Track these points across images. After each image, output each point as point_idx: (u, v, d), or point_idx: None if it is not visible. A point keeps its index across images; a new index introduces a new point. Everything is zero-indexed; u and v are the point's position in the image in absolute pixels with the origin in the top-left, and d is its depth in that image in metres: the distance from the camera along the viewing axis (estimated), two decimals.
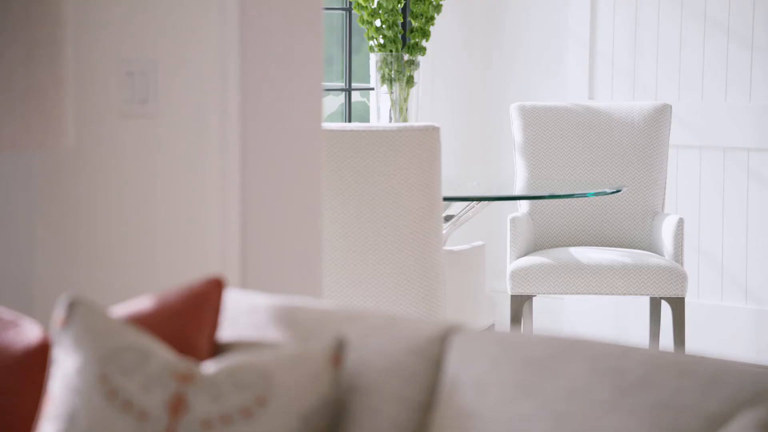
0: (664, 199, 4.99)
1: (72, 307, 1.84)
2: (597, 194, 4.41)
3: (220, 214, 2.72)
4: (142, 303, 1.94)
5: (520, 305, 4.66)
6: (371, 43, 5.02)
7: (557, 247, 4.98)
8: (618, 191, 4.49)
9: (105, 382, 1.76)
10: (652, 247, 4.92)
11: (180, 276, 2.75)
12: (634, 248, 4.94)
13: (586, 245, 4.98)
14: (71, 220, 2.86)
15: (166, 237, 2.77)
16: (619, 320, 5.58)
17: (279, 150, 2.76)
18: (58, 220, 2.88)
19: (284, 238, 2.77)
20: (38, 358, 1.89)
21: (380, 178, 3.98)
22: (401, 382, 1.77)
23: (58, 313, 1.84)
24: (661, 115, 5.00)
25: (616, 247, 4.95)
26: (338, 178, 4.00)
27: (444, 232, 4.37)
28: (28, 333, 1.92)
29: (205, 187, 2.73)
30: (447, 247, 4.22)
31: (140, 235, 2.79)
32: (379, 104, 5.06)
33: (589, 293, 4.64)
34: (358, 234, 4.01)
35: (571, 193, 4.38)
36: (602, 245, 4.97)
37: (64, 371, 1.80)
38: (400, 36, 4.99)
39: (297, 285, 2.80)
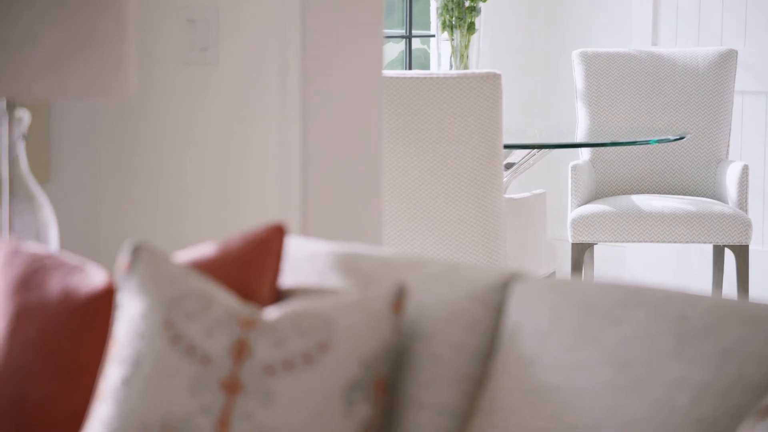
0: (728, 145, 4.93)
1: (136, 252, 1.85)
2: (660, 141, 4.36)
3: (281, 162, 2.72)
4: (205, 249, 1.95)
5: (581, 253, 4.64)
6: None
7: (619, 194, 4.95)
8: (681, 138, 4.44)
9: (169, 327, 1.78)
10: (716, 195, 4.87)
11: (240, 223, 2.77)
12: (697, 196, 4.89)
13: (648, 193, 4.94)
14: (133, 167, 2.89)
15: (227, 184, 2.78)
16: (682, 268, 5.54)
17: (339, 97, 2.76)
18: (121, 166, 2.91)
19: (345, 186, 2.78)
20: (103, 302, 1.92)
21: (441, 126, 3.96)
22: (462, 329, 1.77)
23: (123, 259, 1.86)
24: (726, 60, 4.93)
25: (678, 194, 4.91)
26: (398, 125, 3.99)
27: (504, 179, 4.35)
28: (94, 278, 1.94)
29: (266, 135, 2.73)
30: (507, 195, 4.20)
31: (201, 182, 2.81)
32: (439, 51, 5.03)
33: (651, 241, 4.61)
34: (419, 182, 4.01)
35: (634, 140, 4.34)
36: (665, 193, 4.93)
37: (129, 316, 1.82)
38: None
39: (357, 233, 2.80)
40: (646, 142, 4.33)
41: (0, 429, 1.91)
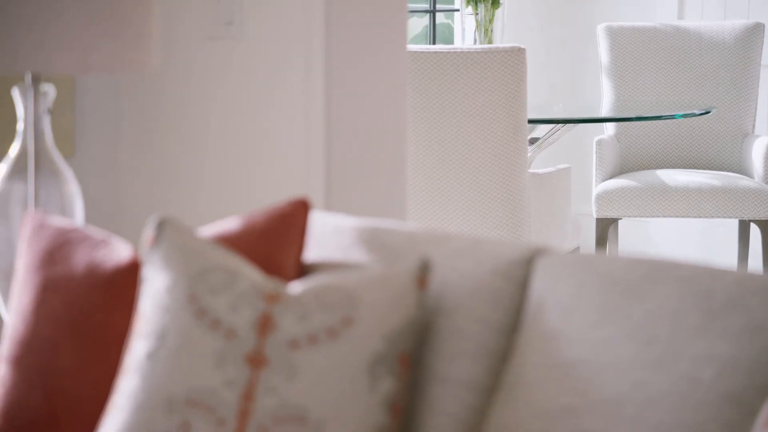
0: (754, 120, 4.90)
1: (161, 226, 1.86)
2: (685, 116, 4.34)
3: (305, 137, 2.72)
4: (229, 224, 1.96)
5: (605, 228, 4.63)
6: None
7: (644, 169, 4.93)
8: (707, 113, 4.41)
9: (194, 301, 1.79)
10: (742, 170, 4.84)
11: (264, 199, 2.77)
12: (723, 170, 4.87)
13: (673, 167, 4.92)
14: (157, 142, 2.89)
15: (251, 159, 2.79)
16: (707, 243, 5.52)
17: (363, 72, 2.75)
18: (145, 141, 2.91)
19: (369, 161, 2.78)
20: (129, 276, 1.93)
21: (465, 101, 3.95)
22: (486, 304, 1.77)
23: (148, 233, 1.87)
24: (752, 34, 4.89)
25: (704, 169, 4.88)
26: (422, 100, 3.99)
27: (529, 154, 4.34)
28: (119, 252, 1.95)
29: (290, 109, 2.73)
30: (532, 170, 4.19)
31: (225, 157, 2.81)
32: (463, 26, 5.01)
33: (676, 216, 4.59)
34: (443, 157, 4.00)
35: (659, 114, 4.31)
36: (690, 167, 4.91)
37: (154, 290, 1.83)
38: None
39: (381, 208, 2.80)
40: (672, 117, 4.30)
41: (28, 400, 1.92)
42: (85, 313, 1.93)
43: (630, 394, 1.58)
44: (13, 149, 2.42)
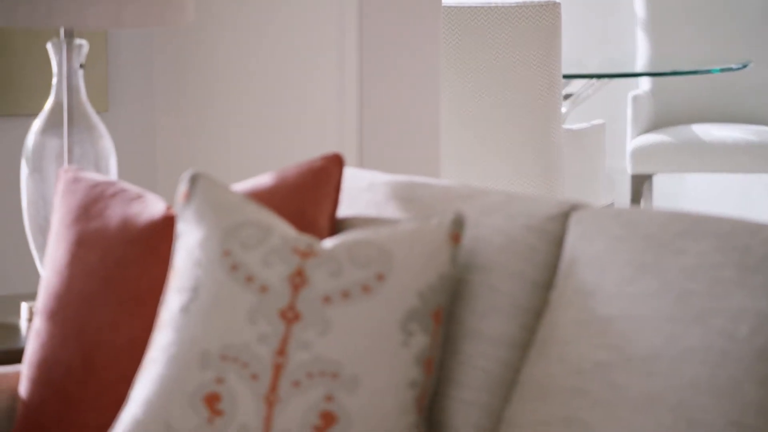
0: None
1: (194, 181, 1.86)
2: (722, 70, 4.30)
3: (338, 93, 2.71)
4: (263, 180, 1.95)
5: (640, 184, 4.61)
6: None
7: (679, 124, 4.89)
8: (745, 66, 4.37)
9: (227, 256, 1.79)
10: None
11: (297, 155, 2.77)
12: (759, 125, 4.83)
13: (709, 122, 4.88)
14: (191, 97, 2.89)
15: (284, 115, 2.78)
16: (743, 199, 5.48)
17: (398, 28, 2.74)
18: (178, 96, 2.91)
19: (402, 117, 2.77)
20: (163, 231, 1.93)
21: (499, 56, 3.93)
22: (520, 259, 1.77)
23: (182, 188, 1.87)
24: None
25: (740, 123, 4.84)
26: (457, 56, 3.97)
27: (563, 110, 4.32)
28: (153, 207, 1.95)
29: (323, 65, 2.72)
30: (566, 126, 4.17)
31: (259, 113, 2.81)
32: None
33: (712, 171, 4.56)
34: (477, 112, 3.99)
35: (696, 69, 4.27)
36: (726, 122, 4.87)
37: (188, 245, 1.83)
38: None
39: (414, 164, 2.80)
40: (708, 71, 4.26)
41: (63, 354, 1.94)
42: (119, 268, 1.94)
43: (664, 350, 1.58)
44: (47, 104, 2.43)
